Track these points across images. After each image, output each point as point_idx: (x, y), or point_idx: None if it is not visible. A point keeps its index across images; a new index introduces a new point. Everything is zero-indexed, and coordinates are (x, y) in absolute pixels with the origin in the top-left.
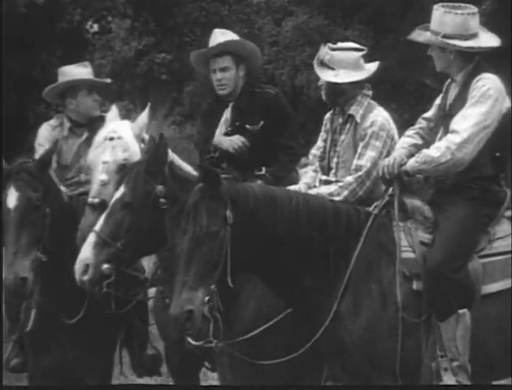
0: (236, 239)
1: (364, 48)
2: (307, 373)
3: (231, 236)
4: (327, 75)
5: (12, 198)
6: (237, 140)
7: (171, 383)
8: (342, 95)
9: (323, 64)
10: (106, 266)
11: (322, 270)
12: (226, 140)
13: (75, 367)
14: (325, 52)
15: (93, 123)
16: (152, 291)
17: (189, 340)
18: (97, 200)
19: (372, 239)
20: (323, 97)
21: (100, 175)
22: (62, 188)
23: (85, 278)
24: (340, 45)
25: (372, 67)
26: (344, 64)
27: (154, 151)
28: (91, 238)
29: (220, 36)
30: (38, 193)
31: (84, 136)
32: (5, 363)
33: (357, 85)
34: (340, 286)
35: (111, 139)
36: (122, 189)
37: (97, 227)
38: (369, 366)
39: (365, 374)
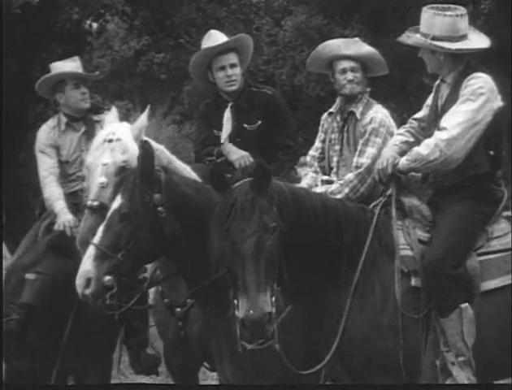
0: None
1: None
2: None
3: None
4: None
5: None
6: (246, 158)
7: (171, 383)
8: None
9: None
10: (107, 278)
11: (333, 270)
12: (235, 152)
13: (74, 367)
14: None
15: (89, 117)
16: (151, 291)
17: (246, 344)
18: (96, 203)
19: (376, 237)
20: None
21: (99, 178)
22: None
23: (88, 292)
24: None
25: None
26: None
27: (141, 160)
28: (90, 251)
29: (219, 34)
30: None
31: (82, 129)
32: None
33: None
34: (346, 284)
35: (110, 141)
36: (119, 200)
37: (96, 239)
38: (370, 365)
39: (366, 372)
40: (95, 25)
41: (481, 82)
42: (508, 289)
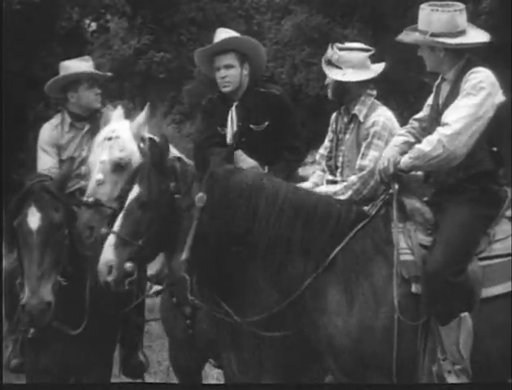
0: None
1: (371, 48)
2: (310, 369)
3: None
4: (335, 74)
5: (34, 219)
6: (255, 168)
7: (172, 382)
8: (348, 94)
9: (330, 64)
10: (128, 264)
11: (306, 264)
12: (244, 161)
13: (74, 365)
14: (333, 52)
15: (94, 116)
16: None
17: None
18: (91, 199)
19: (366, 239)
20: (329, 95)
21: (96, 175)
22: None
23: (110, 278)
24: (347, 45)
25: (379, 67)
26: (351, 64)
27: (155, 152)
28: (111, 239)
29: (224, 33)
30: (59, 213)
31: (86, 128)
32: (5, 364)
33: (363, 85)
34: (327, 280)
35: (110, 139)
36: (137, 189)
37: (116, 227)
38: (362, 365)
39: (358, 372)
40: (95, 25)
41: (482, 76)
42: (510, 296)
